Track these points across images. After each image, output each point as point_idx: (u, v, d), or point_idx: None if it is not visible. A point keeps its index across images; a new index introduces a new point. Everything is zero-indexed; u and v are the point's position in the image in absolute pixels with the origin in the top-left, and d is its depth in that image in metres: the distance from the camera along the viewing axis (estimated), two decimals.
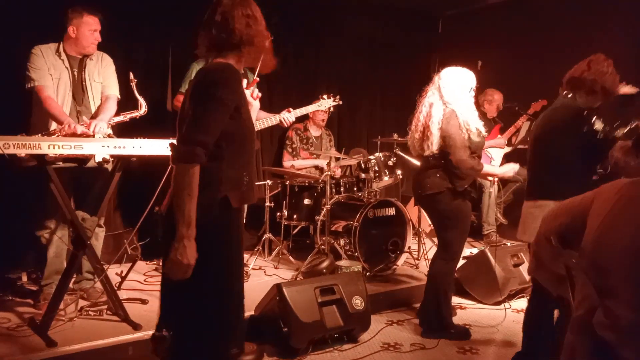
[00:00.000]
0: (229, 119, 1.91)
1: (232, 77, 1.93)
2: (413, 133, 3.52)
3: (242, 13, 1.97)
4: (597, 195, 1.74)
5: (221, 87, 1.88)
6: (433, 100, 3.39)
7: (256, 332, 3.27)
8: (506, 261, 4.19)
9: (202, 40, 2.03)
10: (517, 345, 3.45)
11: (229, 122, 1.91)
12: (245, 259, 4.32)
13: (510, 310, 4.08)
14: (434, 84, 3.44)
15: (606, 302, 1.58)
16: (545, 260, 1.94)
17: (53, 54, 3.41)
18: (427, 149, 3.39)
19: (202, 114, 1.85)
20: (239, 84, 1.97)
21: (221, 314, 1.97)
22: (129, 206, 4.26)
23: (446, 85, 3.36)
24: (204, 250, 1.84)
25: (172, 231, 1.83)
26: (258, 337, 3.24)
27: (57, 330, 2.98)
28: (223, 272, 1.97)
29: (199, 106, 1.85)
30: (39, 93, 3.31)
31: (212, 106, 1.85)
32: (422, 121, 3.43)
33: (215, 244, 1.91)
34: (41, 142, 2.73)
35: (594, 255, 1.65)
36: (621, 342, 1.54)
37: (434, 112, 3.35)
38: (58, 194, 2.95)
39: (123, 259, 4.34)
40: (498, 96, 5.68)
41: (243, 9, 1.98)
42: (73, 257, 3.11)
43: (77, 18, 3.40)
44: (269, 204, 4.87)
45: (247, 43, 1.98)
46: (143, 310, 3.42)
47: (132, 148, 2.98)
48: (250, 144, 2.04)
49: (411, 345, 3.37)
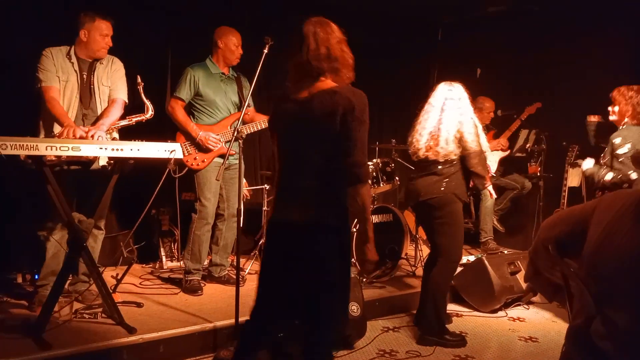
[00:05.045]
0: None
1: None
2: (417, 139, 3.54)
3: (337, 39, 2.18)
4: (599, 205, 1.74)
5: (367, 113, 2.14)
6: (446, 107, 3.46)
7: None
8: (503, 269, 4.19)
9: (297, 67, 2.21)
10: (512, 353, 3.45)
11: None
12: (242, 264, 4.31)
13: (507, 318, 4.08)
14: (441, 92, 3.52)
15: (604, 311, 1.58)
16: (542, 268, 1.94)
17: (63, 56, 3.42)
18: (435, 154, 3.43)
19: (363, 137, 2.12)
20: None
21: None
22: (125, 209, 4.26)
23: (458, 94, 3.49)
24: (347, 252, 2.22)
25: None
26: None
27: (52, 333, 2.96)
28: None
29: (358, 131, 2.09)
30: (45, 94, 3.32)
31: (365, 129, 2.13)
32: (430, 128, 3.47)
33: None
34: (39, 143, 2.72)
35: (594, 263, 1.64)
36: (618, 351, 1.53)
37: (447, 118, 3.43)
38: (54, 196, 2.94)
39: (119, 261, 4.33)
40: (489, 104, 5.70)
41: (336, 35, 2.19)
42: (68, 259, 3.10)
43: (89, 22, 3.42)
44: (266, 208, 4.86)
45: (344, 66, 2.19)
46: (138, 314, 3.40)
47: (130, 150, 2.97)
48: None
49: (407, 353, 3.36)
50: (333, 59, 2.16)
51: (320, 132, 2.12)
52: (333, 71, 2.17)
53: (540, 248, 1.91)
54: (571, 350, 1.69)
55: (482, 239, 5.59)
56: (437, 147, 3.41)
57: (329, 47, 2.15)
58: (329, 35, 2.16)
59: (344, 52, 2.19)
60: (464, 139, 3.40)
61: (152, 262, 4.66)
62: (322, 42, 2.15)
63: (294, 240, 2.17)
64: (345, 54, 2.19)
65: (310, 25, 2.18)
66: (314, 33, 2.16)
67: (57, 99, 3.34)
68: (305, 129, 2.16)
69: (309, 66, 2.15)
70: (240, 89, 4.12)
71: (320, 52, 2.14)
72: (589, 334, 1.60)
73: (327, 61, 2.15)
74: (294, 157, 2.21)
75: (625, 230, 1.60)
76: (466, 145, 3.40)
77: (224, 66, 4.08)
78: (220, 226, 4.16)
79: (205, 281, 4.18)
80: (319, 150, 2.13)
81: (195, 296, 3.88)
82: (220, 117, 4.03)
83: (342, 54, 2.18)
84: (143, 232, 4.50)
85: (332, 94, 2.11)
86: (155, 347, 3.06)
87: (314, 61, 2.14)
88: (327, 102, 2.10)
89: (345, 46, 2.20)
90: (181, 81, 3.98)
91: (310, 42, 2.15)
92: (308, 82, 2.18)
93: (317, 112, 2.11)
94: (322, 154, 2.13)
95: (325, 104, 2.10)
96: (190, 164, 3.94)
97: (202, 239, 4.02)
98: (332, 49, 2.16)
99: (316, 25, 2.18)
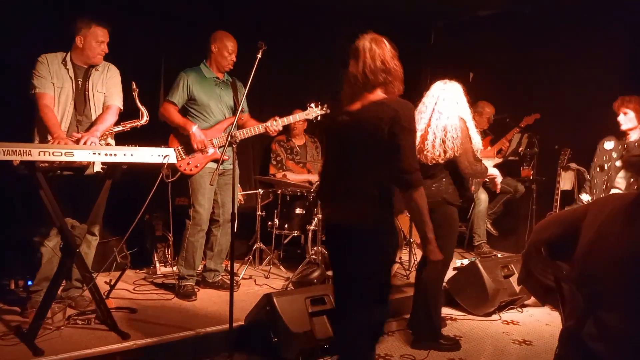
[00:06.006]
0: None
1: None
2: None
3: (391, 54, 2.36)
4: (591, 208, 1.75)
5: (414, 121, 2.34)
6: (436, 107, 3.40)
7: (246, 342, 3.25)
8: (496, 272, 4.20)
9: (352, 80, 2.37)
10: (506, 356, 3.45)
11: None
12: (236, 269, 4.31)
13: (500, 321, 4.09)
14: (433, 94, 3.46)
15: (596, 313, 1.59)
16: (535, 271, 1.95)
17: (59, 62, 3.41)
18: (424, 158, 3.36)
19: (411, 144, 2.28)
20: None
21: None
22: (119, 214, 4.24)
23: (451, 96, 3.42)
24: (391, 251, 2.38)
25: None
26: (248, 348, 3.22)
27: (44, 339, 2.94)
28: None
29: (406, 140, 2.25)
30: (38, 100, 3.31)
31: (413, 137, 2.31)
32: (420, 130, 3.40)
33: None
34: (32, 148, 2.71)
35: (585, 265, 1.66)
36: (611, 353, 1.54)
37: (435, 120, 3.37)
38: (47, 202, 2.93)
39: (112, 267, 4.31)
40: (489, 109, 5.73)
41: (389, 50, 2.36)
42: (61, 265, 3.09)
43: (85, 28, 3.41)
44: (260, 213, 4.86)
45: (395, 78, 2.37)
46: (132, 320, 3.39)
47: (123, 156, 2.97)
48: None
49: (401, 357, 3.36)
50: (387, 71, 2.33)
51: (369, 141, 2.28)
52: (386, 83, 2.35)
53: (533, 251, 1.93)
54: (564, 352, 1.70)
55: (475, 242, 5.61)
56: (425, 151, 3.35)
57: (384, 61, 2.32)
58: (384, 50, 2.34)
59: (397, 66, 2.37)
60: (447, 143, 3.32)
61: (146, 267, 4.64)
62: (378, 56, 2.32)
63: (347, 239, 2.37)
64: (398, 68, 2.37)
65: (365, 41, 2.36)
66: (370, 48, 2.33)
67: (50, 107, 3.33)
68: (356, 139, 2.33)
69: (365, 79, 2.32)
70: (236, 93, 4.12)
71: (376, 65, 2.31)
72: (581, 336, 1.61)
73: (382, 74, 2.32)
74: (346, 165, 2.37)
75: (616, 233, 1.61)
76: (452, 149, 3.33)
77: (218, 71, 4.08)
78: (215, 232, 4.15)
79: (199, 286, 4.17)
80: (369, 158, 2.30)
81: (189, 301, 3.86)
82: (214, 121, 4.03)
83: (395, 68, 2.35)
84: (136, 237, 4.48)
85: (380, 105, 2.29)
86: (149, 353, 3.04)
87: (370, 74, 2.31)
88: (376, 113, 2.27)
89: (397, 60, 2.38)
90: (174, 86, 3.98)
91: (367, 56, 2.33)
92: (360, 95, 2.36)
93: (367, 122, 2.29)
94: (372, 161, 2.29)
95: (374, 115, 2.27)
96: (184, 169, 3.93)
97: (196, 246, 4.01)
98: (387, 63, 2.33)
99: (371, 41, 2.36)
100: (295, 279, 4.19)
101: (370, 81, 2.32)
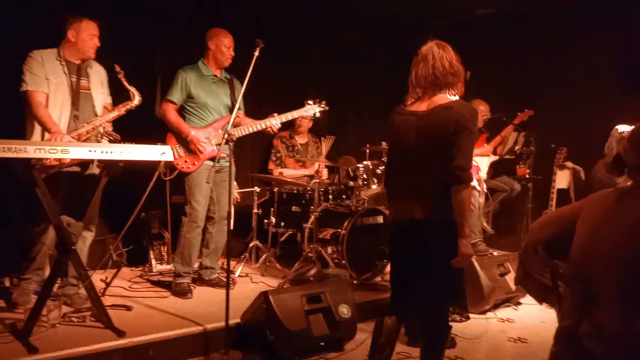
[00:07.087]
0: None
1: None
2: None
3: (456, 58, 2.54)
4: (585, 205, 1.76)
5: (475, 124, 2.48)
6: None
7: (242, 340, 3.25)
8: (492, 270, 4.21)
9: (418, 82, 2.55)
10: (502, 354, 3.46)
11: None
12: (232, 266, 4.30)
13: (496, 319, 4.10)
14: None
15: (592, 312, 1.59)
16: (532, 269, 1.95)
17: (54, 60, 3.39)
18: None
19: (469, 145, 2.45)
20: None
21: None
22: (115, 212, 4.23)
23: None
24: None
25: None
26: (244, 346, 3.22)
27: (39, 337, 2.93)
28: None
29: (468, 139, 2.43)
30: (30, 98, 3.29)
31: (472, 139, 2.47)
32: None
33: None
34: (27, 146, 2.69)
35: (581, 264, 1.66)
36: (606, 352, 1.55)
37: None
38: (43, 199, 2.92)
39: (108, 265, 4.30)
40: (484, 107, 5.72)
41: (454, 54, 2.55)
42: (57, 263, 3.08)
43: (76, 23, 3.40)
44: (256, 210, 4.85)
45: (459, 80, 2.56)
46: (127, 317, 3.37)
47: (120, 153, 2.95)
48: None
49: (397, 354, 3.35)
50: (454, 74, 2.52)
51: (437, 142, 2.45)
52: (453, 84, 2.53)
53: (530, 250, 1.93)
54: (560, 351, 1.70)
55: (471, 240, 5.61)
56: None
57: (451, 63, 2.51)
58: (451, 54, 2.53)
59: (460, 68, 2.55)
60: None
61: (142, 265, 4.63)
62: (445, 59, 2.51)
63: (416, 234, 2.53)
64: (462, 70, 2.55)
65: (433, 45, 2.54)
66: (438, 52, 2.51)
67: (44, 104, 3.31)
68: (425, 139, 2.48)
69: (435, 80, 2.49)
70: (233, 91, 4.11)
71: (445, 68, 2.49)
72: (578, 334, 1.61)
73: (450, 76, 2.50)
74: (414, 164, 2.53)
75: (608, 231, 1.61)
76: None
77: (216, 68, 4.07)
78: (211, 229, 4.14)
79: (195, 284, 4.16)
80: (436, 157, 2.45)
81: (185, 299, 3.86)
82: (211, 119, 4.02)
83: (460, 70, 2.54)
84: (132, 235, 4.47)
85: (448, 108, 2.45)
86: (145, 350, 3.03)
87: (440, 76, 2.49)
88: (444, 116, 2.44)
89: (460, 64, 2.55)
90: (173, 84, 3.97)
91: (436, 59, 2.50)
92: (427, 97, 2.53)
93: (436, 124, 2.45)
94: (439, 161, 2.44)
95: (442, 118, 2.44)
96: (181, 167, 3.92)
97: (192, 243, 4.00)
98: (453, 65, 2.51)
99: (438, 46, 2.54)
100: (292, 276, 4.19)
101: (440, 82, 2.50)
